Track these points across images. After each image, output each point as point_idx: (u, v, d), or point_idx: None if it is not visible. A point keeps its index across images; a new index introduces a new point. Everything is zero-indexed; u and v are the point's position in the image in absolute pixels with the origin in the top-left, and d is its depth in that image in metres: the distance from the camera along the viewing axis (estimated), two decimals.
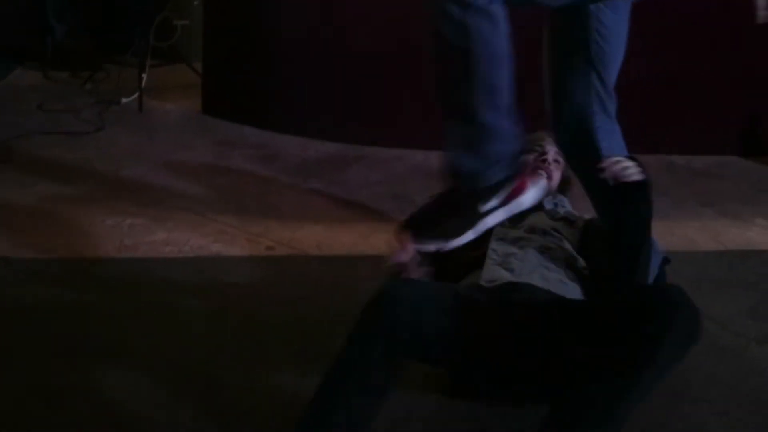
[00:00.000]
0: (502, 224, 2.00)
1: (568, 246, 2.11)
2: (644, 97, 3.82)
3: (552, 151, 2.31)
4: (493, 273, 1.94)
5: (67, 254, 2.61)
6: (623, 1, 2.00)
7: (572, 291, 1.95)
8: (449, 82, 1.77)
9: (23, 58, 4.70)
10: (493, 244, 2.04)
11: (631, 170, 1.89)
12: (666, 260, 2.29)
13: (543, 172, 2.23)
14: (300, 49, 3.82)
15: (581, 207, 2.36)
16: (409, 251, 1.88)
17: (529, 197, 1.87)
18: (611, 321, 1.70)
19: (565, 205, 2.35)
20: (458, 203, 1.84)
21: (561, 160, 2.32)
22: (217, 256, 2.66)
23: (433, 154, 1.96)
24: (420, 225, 1.88)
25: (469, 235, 1.84)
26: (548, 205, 2.28)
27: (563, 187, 2.39)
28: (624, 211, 1.94)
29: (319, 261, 2.68)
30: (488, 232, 1.95)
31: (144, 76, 4.09)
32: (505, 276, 1.93)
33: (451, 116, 1.80)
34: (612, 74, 2.03)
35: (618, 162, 1.90)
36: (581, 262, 2.08)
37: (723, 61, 3.82)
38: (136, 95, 4.08)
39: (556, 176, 2.35)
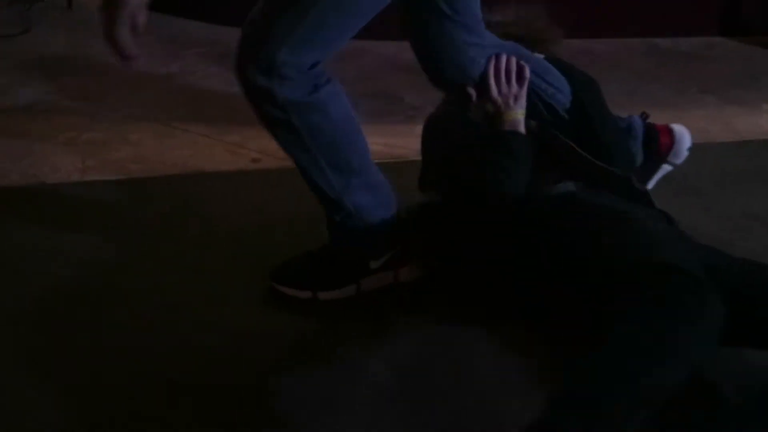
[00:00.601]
0: None
1: None
2: None
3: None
4: None
5: (21, 180, 2.23)
6: None
7: None
8: (300, 169, 1.69)
9: None
10: None
11: None
12: (644, 114, 2.12)
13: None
14: None
15: None
16: None
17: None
18: None
19: None
20: (341, 261, 1.80)
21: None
22: (199, 173, 2.33)
23: (404, 45, 1.73)
24: (290, 274, 1.81)
25: (348, 291, 1.79)
26: None
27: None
28: None
29: None
30: None
31: None
32: None
33: (321, 202, 1.74)
34: None
35: None
36: None
37: None
38: None
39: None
